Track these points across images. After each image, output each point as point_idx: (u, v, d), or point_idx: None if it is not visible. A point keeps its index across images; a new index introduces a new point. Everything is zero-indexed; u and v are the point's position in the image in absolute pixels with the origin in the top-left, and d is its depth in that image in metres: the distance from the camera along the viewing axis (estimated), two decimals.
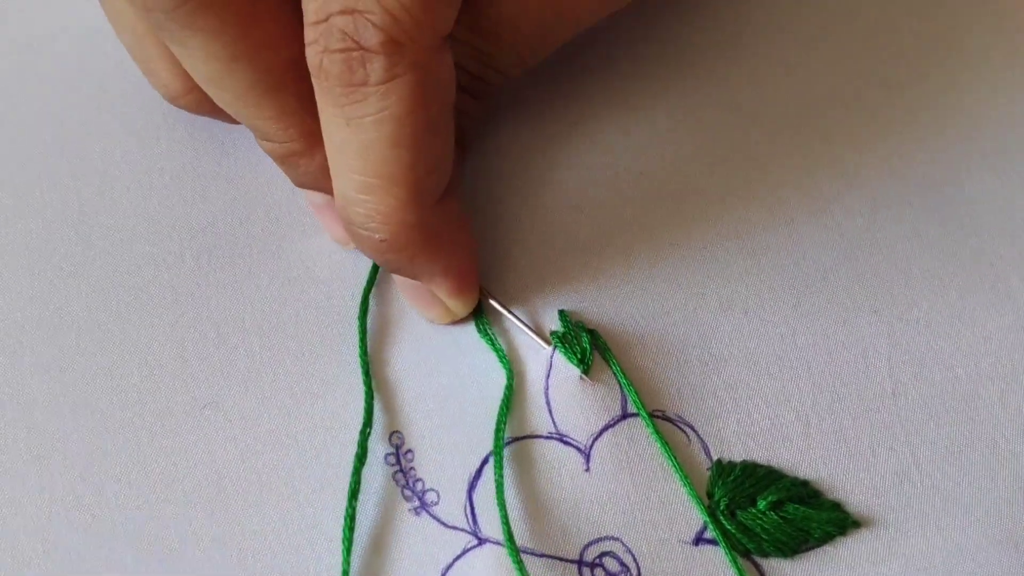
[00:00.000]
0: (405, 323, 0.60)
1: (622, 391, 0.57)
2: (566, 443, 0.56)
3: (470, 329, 0.59)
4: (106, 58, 0.65)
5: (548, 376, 0.57)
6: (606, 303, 0.60)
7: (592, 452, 0.56)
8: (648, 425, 0.56)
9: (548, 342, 0.57)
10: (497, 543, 0.55)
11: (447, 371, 0.58)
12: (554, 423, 0.56)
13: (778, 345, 0.58)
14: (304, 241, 0.61)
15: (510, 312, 0.58)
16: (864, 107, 0.64)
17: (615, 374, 0.57)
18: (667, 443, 0.56)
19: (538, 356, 0.58)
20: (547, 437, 0.56)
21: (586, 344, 0.56)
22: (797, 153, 0.62)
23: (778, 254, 0.60)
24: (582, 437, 0.56)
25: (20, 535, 0.56)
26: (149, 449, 0.57)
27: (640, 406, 0.56)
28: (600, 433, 0.56)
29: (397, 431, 0.56)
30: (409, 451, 0.56)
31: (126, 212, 0.62)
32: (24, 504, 0.56)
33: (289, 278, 0.61)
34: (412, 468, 0.56)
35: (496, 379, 0.58)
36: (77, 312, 0.60)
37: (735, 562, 0.54)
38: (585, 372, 0.57)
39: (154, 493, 0.57)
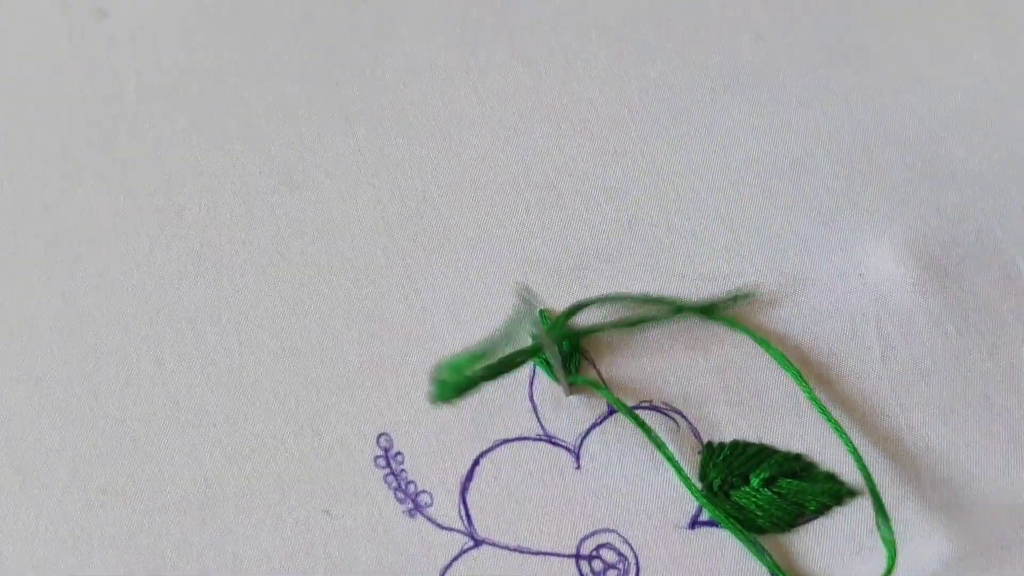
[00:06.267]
0: None
1: (607, 389, 0.57)
2: (555, 444, 0.57)
3: (455, 333, 0.60)
4: (62, 50, 0.64)
5: (532, 383, 0.58)
6: (587, 295, 0.61)
7: (581, 451, 0.57)
8: (632, 420, 0.56)
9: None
10: (494, 544, 0.56)
11: (430, 371, 0.58)
12: (542, 426, 0.57)
13: (763, 320, 0.58)
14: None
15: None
16: (835, 70, 0.64)
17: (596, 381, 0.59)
18: (654, 431, 0.56)
19: None
20: (536, 439, 0.57)
21: (567, 348, 0.57)
22: (772, 121, 0.62)
23: (758, 227, 0.61)
24: (570, 437, 0.58)
25: (7, 551, 0.58)
26: (134, 457, 0.58)
27: (620, 405, 0.57)
28: (588, 432, 0.58)
29: (385, 433, 0.57)
30: (399, 453, 0.57)
31: (91, 209, 0.62)
32: (10, 520, 0.58)
33: (260, 267, 0.61)
34: (403, 470, 0.57)
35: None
36: (48, 319, 0.61)
37: (739, 533, 0.55)
38: (567, 376, 0.58)
39: (141, 503, 0.58)
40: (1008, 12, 0.66)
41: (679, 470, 0.57)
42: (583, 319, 0.60)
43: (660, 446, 0.57)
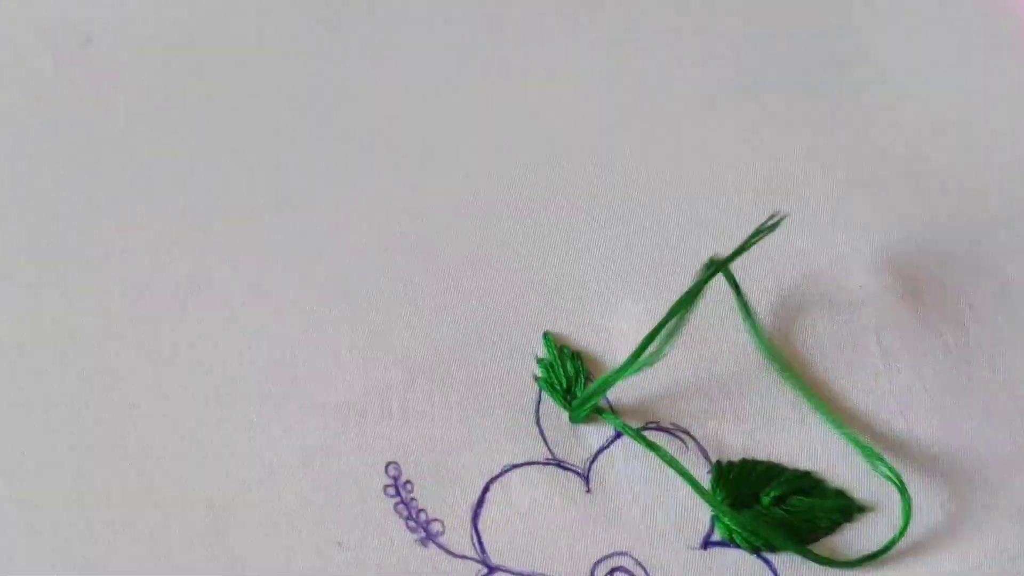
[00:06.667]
0: None
1: (613, 412, 0.57)
2: (564, 468, 0.57)
3: (460, 358, 0.59)
4: (47, 78, 0.64)
5: (538, 407, 0.58)
6: (590, 316, 0.60)
7: (591, 474, 0.57)
8: (641, 442, 0.56)
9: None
10: (508, 571, 0.56)
11: (438, 399, 0.58)
12: (550, 450, 0.57)
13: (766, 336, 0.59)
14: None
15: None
16: (818, 87, 0.64)
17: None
18: (663, 449, 0.56)
19: (526, 386, 0.59)
20: (544, 463, 0.57)
21: (571, 371, 0.57)
22: (762, 138, 0.62)
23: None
24: (579, 461, 0.57)
25: None
26: (138, 489, 0.58)
27: (625, 427, 0.57)
28: (596, 455, 0.58)
29: (393, 462, 0.57)
30: (408, 482, 0.57)
31: (82, 237, 0.62)
32: (12, 553, 0.57)
33: (259, 294, 0.61)
34: (413, 499, 0.57)
35: (486, 404, 0.59)
36: (43, 350, 0.60)
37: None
38: (571, 403, 0.59)
39: (147, 536, 0.58)
40: (987, 25, 0.66)
41: (695, 484, 0.57)
42: (583, 335, 0.60)
43: (673, 463, 0.57)
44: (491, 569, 0.57)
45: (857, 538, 0.58)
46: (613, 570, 0.57)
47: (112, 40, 0.66)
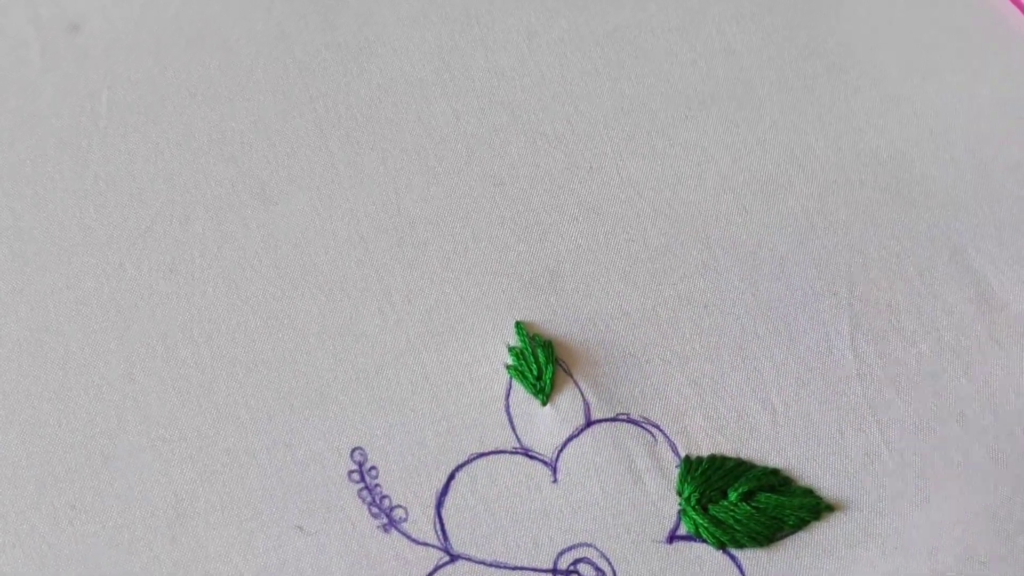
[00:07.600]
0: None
1: (584, 400, 0.56)
2: (531, 457, 0.57)
3: (431, 345, 0.58)
4: (34, 65, 0.63)
5: (508, 395, 0.57)
6: (563, 308, 0.59)
7: (558, 464, 0.57)
8: None
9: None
10: (469, 559, 0.55)
11: (405, 384, 0.58)
12: (518, 439, 0.56)
13: (740, 336, 0.59)
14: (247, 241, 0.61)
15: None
16: (809, 89, 0.63)
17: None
18: (632, 445, 0.56)
19: (496, 374, 0.57)
20: (512, 452, 0.57)
21: (542, 359, 0.56)
22: (746, 139, 0.62)
23: (734, 244, 0.60)
24: (547, 450, 0.57)
25: None
26: (103, 473, 0.57)
27: None
28: (564, 445, 0.57)
29: (359, 447, 0.56)
30: (373, 468, 0.56)
31: (61, 223, 0.61)
32: None
33: (233, 281, 0.60)
34: (377, 485, 0.56)
35: (455, 391, 0.59)
36: (16, 333, 0.60)
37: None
38: (542, 391, 0.58)
39: (111, 519, 0.57)
40: (979, 34, 0.66)
41: None
42: (555, 326, 0.60)
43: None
44: (453, 557, 0.56)
45: (824, 536, 0.57)
46: (577, 561, 0.56)
47: (100, 28, 0.66)
